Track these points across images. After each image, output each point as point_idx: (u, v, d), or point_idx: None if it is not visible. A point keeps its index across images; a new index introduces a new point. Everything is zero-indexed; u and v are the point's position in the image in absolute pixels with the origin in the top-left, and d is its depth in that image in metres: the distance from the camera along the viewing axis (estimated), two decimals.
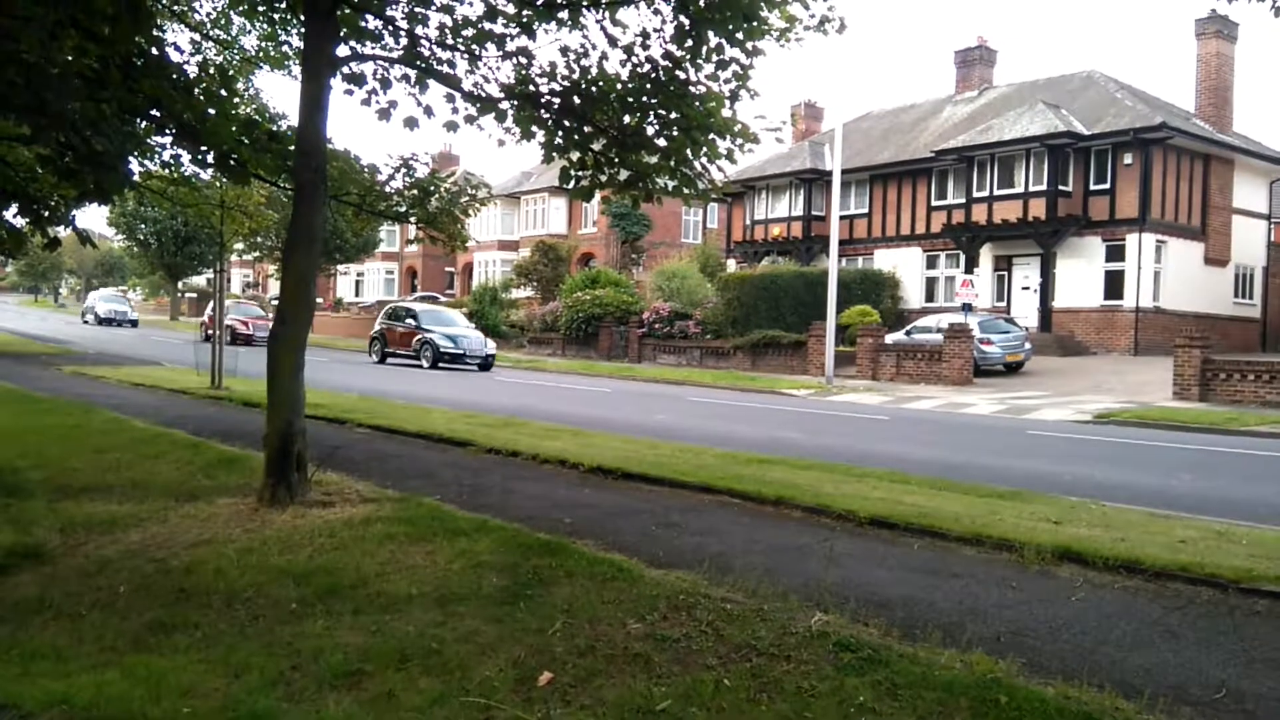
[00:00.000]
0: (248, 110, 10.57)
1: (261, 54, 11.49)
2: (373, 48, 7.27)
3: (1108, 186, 27.63)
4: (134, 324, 47.35)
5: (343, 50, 6.86)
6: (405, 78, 7.11)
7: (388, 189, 9.05)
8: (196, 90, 6.71)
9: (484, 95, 7.13)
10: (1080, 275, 28.06)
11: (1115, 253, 27.46)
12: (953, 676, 3.43)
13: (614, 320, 33.67)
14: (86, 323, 47.82)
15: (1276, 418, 15.57)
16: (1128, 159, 27.26)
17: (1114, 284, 27.42)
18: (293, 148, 7.04)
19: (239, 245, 29.82)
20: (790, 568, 5.09)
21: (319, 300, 55.88)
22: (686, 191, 7.57)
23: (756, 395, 20.37)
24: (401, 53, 7.16)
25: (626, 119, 7.20)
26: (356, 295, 63.42)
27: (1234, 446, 11.92)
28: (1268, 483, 9.28)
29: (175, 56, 6.75)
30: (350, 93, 6.99)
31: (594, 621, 4.04)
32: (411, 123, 6.89)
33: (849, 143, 30.69)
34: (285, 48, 10.89)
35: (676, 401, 17.91)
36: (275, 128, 8.37)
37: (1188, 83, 31.21)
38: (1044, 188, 27.78)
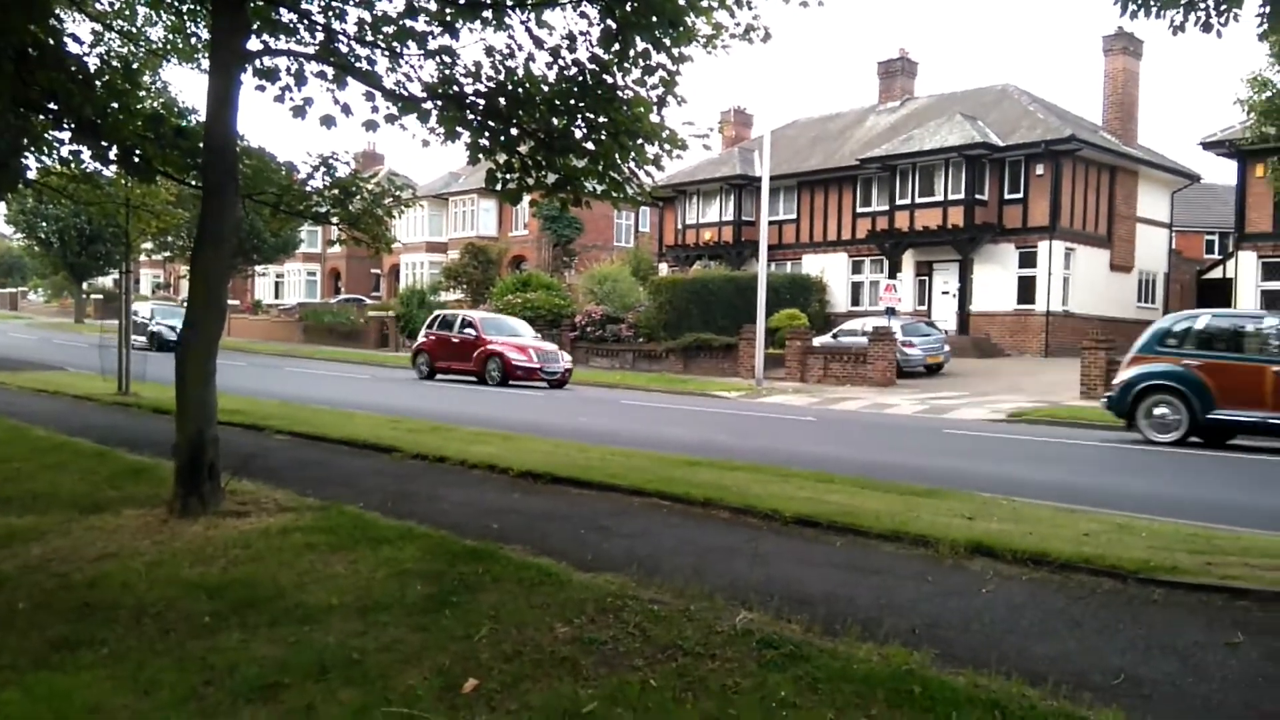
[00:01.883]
0: (154, 105, 10.22)
1: (169, 46, 11.11)
2: (287, 42, 7.12)
3: (1021, 196, 28.68)
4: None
5: (254, 44, 6.69)
6: (322, 74, 6.96)
7: (307, 188, 8.86)
8: (98, 83, 6.48)
9: (406, 94, 7.04)
10: (996, 280, 29.05)
11: (1028, 259, 28.52)
12: (870, 669, 3.52)
13: (546, 323, 33.51)
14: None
15: None
16: (1039, 170, 28.34)
17: (1026, 289, 28.48)
18: (202, 144, 6.85)
19: (147, 245, 28.76)
20: (717, 567, 5.16)
21: (235, 302, 54.27)
22: (615, 195, 7.60)
23: (688, 397, 20.52)
24: (318, 48, 7.02)
25: (554, 122, 7.20)
26: (276, 297, 61.80)
27: (1135, 444, 12.48)
28: (1164, 478, 9.75)
29: (74, 48, 6.48)
30: (262, 89, 6.82)
31: (521, 626, 4.03)
32: (328, 121, 6.77)
33: (777, 150, 31.19)
34: (194, 40, 10.56)
35: (608, 405, 17.93)
36: (184, 123, 8.12)
37: (1096, 97, 32.67)
38: (962, 196, 28.68)
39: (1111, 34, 30.98)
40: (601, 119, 7.06)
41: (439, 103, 7.01)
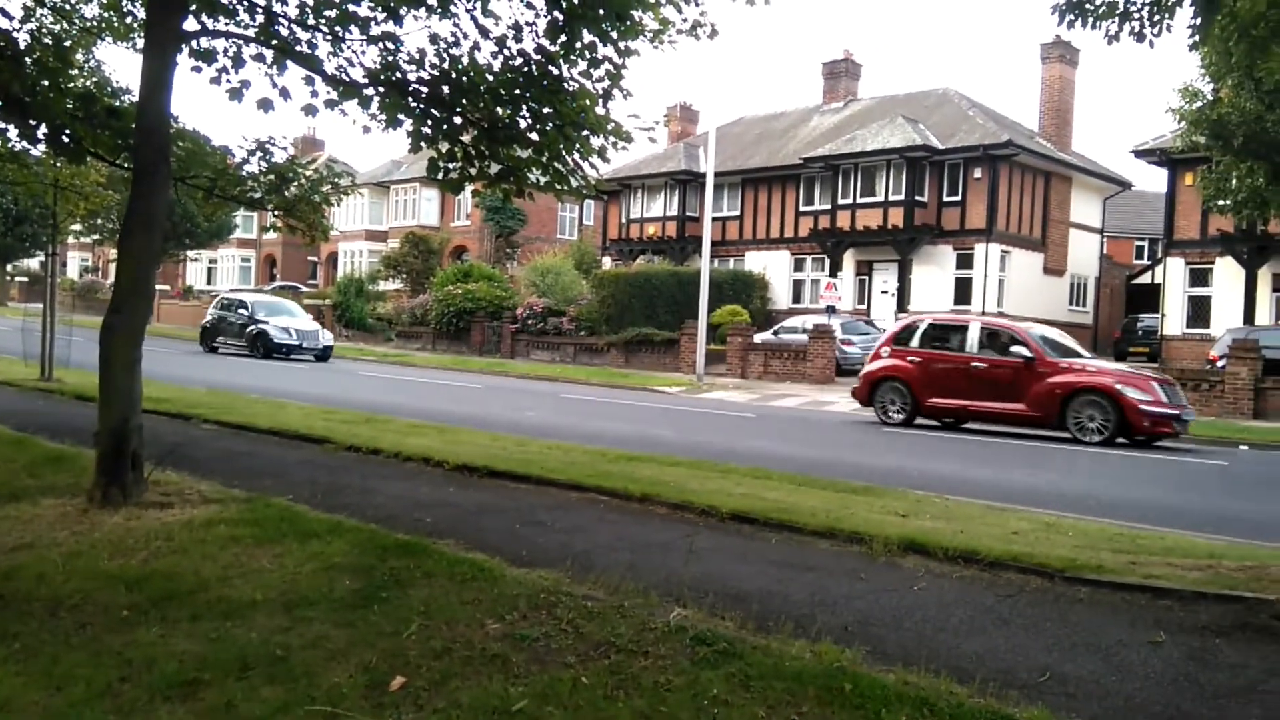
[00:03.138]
0: (86, 84, 9.84)
1: (104, 24, 10.69)
2: (225, 23, 6.90)
3: (959, 198, 29.25)
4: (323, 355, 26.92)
5: (191, 24, 6.47)
6: (260, 57, 6.77)
7: (242, 173, 8.61)
8: (28, 60, 6.21)
9: (347, 80, 6.89)
10: (934, 281, 29.61)
11: (965, 261, 29.13)
12: (802, 666, 3.54)
13: (487, 315, 33.21)
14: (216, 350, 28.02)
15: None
16: (977, 173, 28.95)
17: (963, 290, 29.09)
18: (135, 125, 6.61)
19: (75, 227, 27.76)
20: (653, 564, 5.14)
21: (166, 288, 52.74)
22: (559, 187, 7.55)
23: (629, 392, 20.51)
24: (257, 30, 6.82)
25: (498, 111, 7.12)
26: (209, 283, 60.16)
27: (1062, 444, 12.83)
28: (1094, 477, 10.03)
29: (3, 23, 6.21)
30: (198, 70, 6.61)
31: (451, 623, 3.97)
32: (266, 104, 6.58)
33: (722, 146, 31.34)
34: (130, 19, 10.18)
35: (549, 398, 17.83)
36: (117, 103, 7.83)
37: (1033, 103, 33.47)
38: (902, 197, 29.16)
39: (1049, 42, 31.77)
40: (546, 110, 7.01)
41: (381, 89, 6.88)
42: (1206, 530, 6.79)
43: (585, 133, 7.08)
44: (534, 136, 7.25)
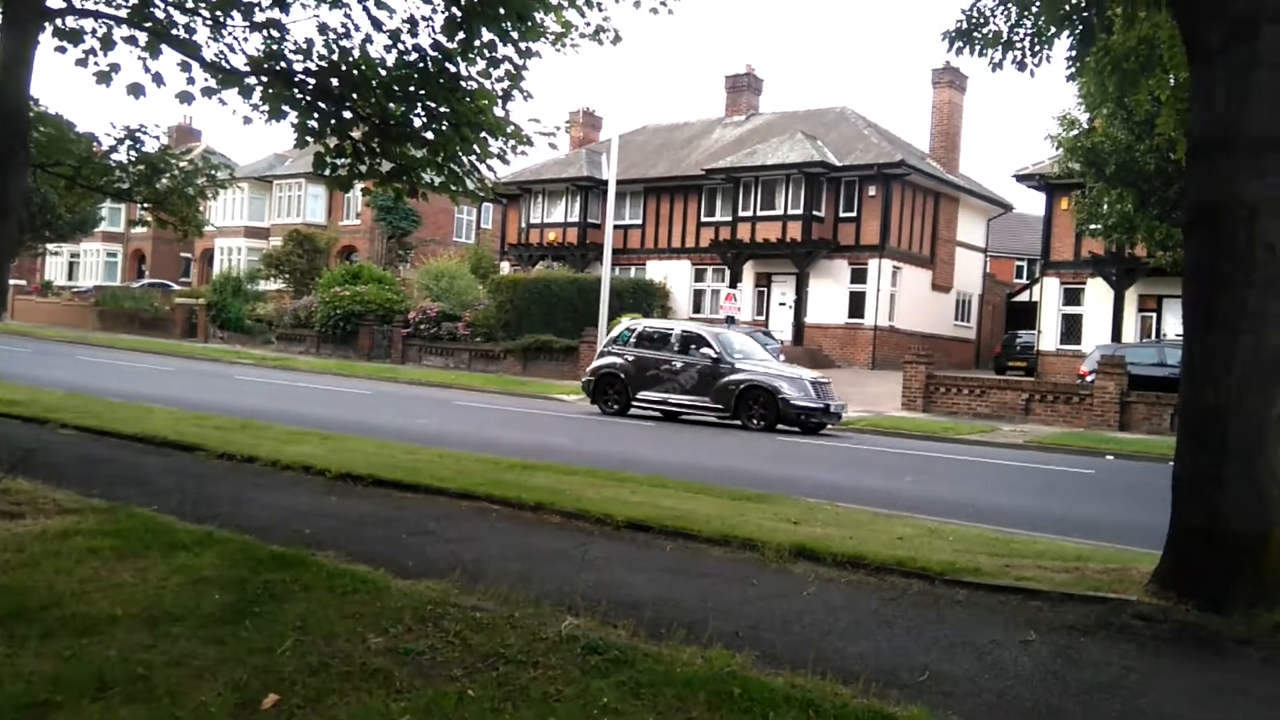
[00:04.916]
0: None
1: None
2: (95, 2, 6.56)
3: (855, 215, 30.29)
4: None
5: (56, 1, 6.13)
6: (133, 40, 6.46)
7: (109, 162, 8.19)
8: None
9: (228, 67, 6.67)
10: (829, 294, 30.53)
11: (859, 275, 30.16)
12: (692, 673, 3.58)
13: (376, 319, 32.43)
14: None
15: (985, 427, 17.72)
16: (872, 191, 30.03)
17: (857, 304, 30.10)
18: None
19: None
20: (546, 573, 5.12)
21: (22, 282, 49.58)
22: (454, 189, 7.48)
23: (527, 400, 20.38)
24: (130, 11, 6.51)
25: (391, 107, 7.01)
26: (70, 279, 56.82)
27: (948, 452, 13.42)
28: (974, 485, 10.51)
29: None
30: (63, 50, 6.26)
31: (330, 637, 3.85)
32: (137, 90, 6.29)
33: (625, 154, 31.54)
34: None
35: (442, 405, 17.54)
36: None
37: (924, 125, 34.91)
38: (801, 212, 29.98)
39: (940, 68, 33.27)
40: (443, 108, 6.94)
41: (264, 78, 6.67)
42: (1075, 534, 7.19)
43: (483, 134, 7.04)
44: (429, 135, 7.16)
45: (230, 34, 6.78)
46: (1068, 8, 6.88)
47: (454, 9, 6.67)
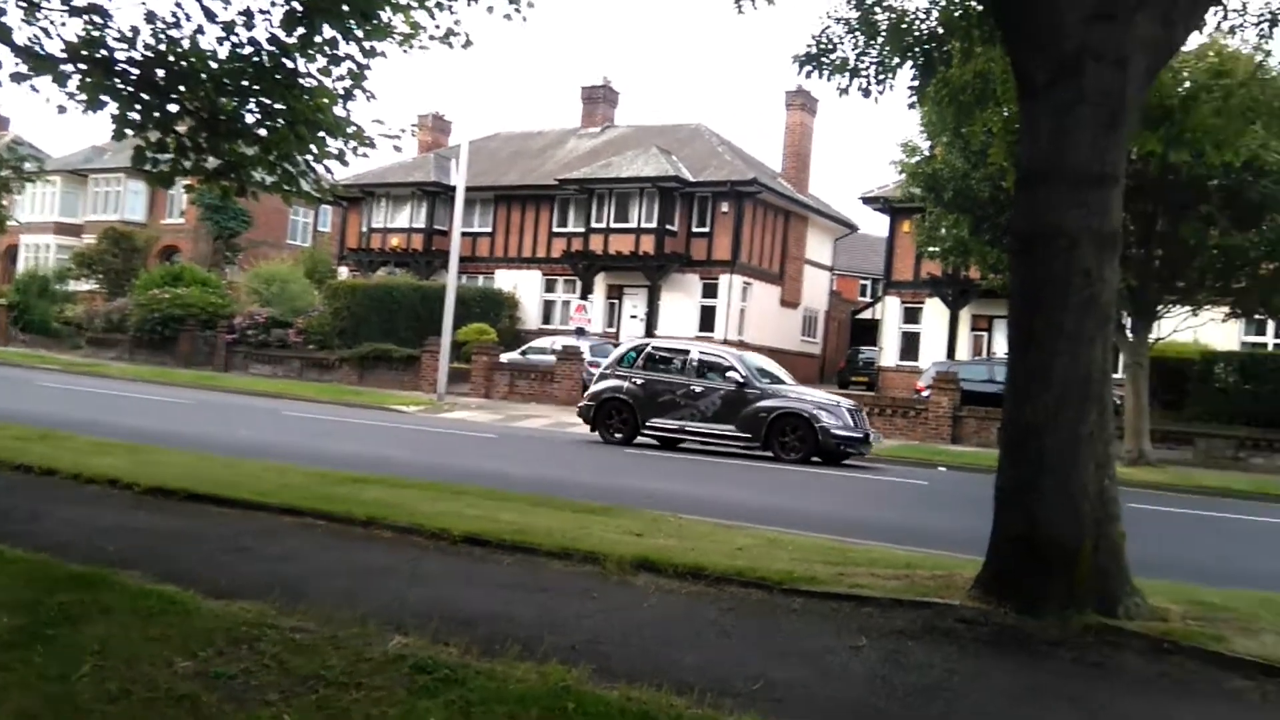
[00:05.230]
0: None
1: None
2: None
3: (708, 230, 31.08)
4: None
5: None
6: None
7: None
8: None
9: (41, 52, 6.25)
10: (681, 308, 31.18)
11: (710, 290, 30.96)
12: (526, 689, 3.55)
13: (199, 324, 30.74)
14: None
15: None
16: (724, 207, 30.90)
17: (707, 318, 30.88)
18: None
19: None
20: (374, 590, 4.98)
21: None
22: (288, 189, 7.25)
23: (363, 411, 19.84)
24: None
25: (221, 102, 6.75)
26: None
27: (793, 465, 13.90)
28: (814, 497, 10.93)
29: None
30: None
31: (133, 662, 3.61)
32: None
33: (476, 161, 31.19)
34: None
35: (269, 416, 16.79)
36: None
37: (777, 145, 36.28)
38: (654, 225, 30.50)
39: (793, 90, 34.67)
40: (278, 105, 6.79)
41: (82, 66, 6.29)
42: (908, 543, 7.59)
43: (322, 134, 6.87)
44: (262, 132, 6.98)
45: (46, 17, 6.39)
46: (910, 40, 7.30)
47: (294, 3, 6.49)
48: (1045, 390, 5.11)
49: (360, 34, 6.79)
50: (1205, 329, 19.26)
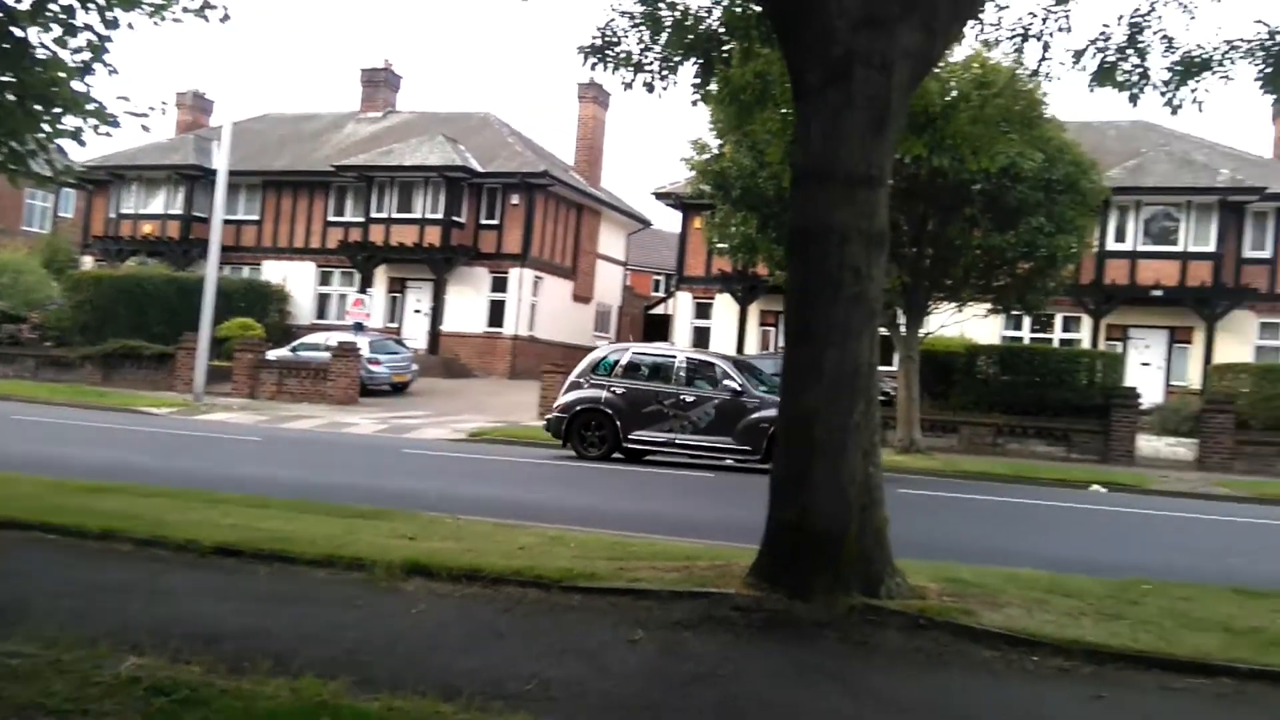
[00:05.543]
0: None
1: None
2: None
3: (497, 222, 30.82)
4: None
5: None
6: None
7: None
8: None
9: None
10: (468, 303, 30.75)
11: (499, 284, 30.74)
12: (277, 706, 3.40)
13: None
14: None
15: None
16: (515, 200, 30.75)
17: (497, 313, 30.65)
18: None
19: None
20: (107, 609, 4.66)
21: None
22: (14, 169, 6.80)
23: (108, 413, 18.38)
24: None
25: None
26: None
27: (594, 462, 14.02)
28: (598, 493, 11.08)
29: None
30: None
31: None
32: None
33: (242, 144, 29.32)
34: None
35: None
36: None
37: (570, 138, 36.56)
38: (440, 217, 29.90)
39: (585, 82, 34.93)
40: (5, 77, 6.28)
41: None
42: (691, 535, 7.75)
43: (57, 109, 6.53)
44: None
45: None
46: (693, 37, 7.51)
47: None
48: (817, 382, 5.42)
49: (101, 2, 6.33)
50: (970, 324, 21.10)
